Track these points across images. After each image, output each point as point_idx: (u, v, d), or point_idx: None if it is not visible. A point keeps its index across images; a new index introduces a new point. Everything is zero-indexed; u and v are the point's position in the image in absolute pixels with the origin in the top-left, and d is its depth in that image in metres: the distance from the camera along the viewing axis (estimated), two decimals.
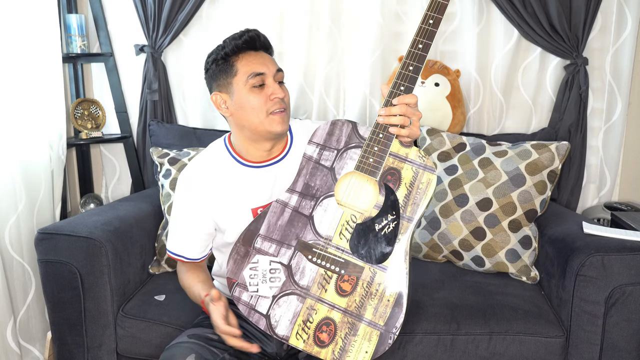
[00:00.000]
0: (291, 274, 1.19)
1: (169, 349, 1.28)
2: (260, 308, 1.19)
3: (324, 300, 1.15)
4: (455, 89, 2.14)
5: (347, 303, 1.14)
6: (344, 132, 1.26)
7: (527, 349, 1.51)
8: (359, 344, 1.12)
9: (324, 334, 1.13)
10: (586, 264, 1.50)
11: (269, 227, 1.23)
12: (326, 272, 1.17)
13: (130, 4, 2.27)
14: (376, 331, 1.11)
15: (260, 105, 1.32)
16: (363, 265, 1.17)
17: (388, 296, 1.14)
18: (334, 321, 1.14)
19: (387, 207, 1.17)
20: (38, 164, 2.01)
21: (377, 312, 1.13)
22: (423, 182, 1.16)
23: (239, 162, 1.41)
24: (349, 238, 1.18)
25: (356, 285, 1.15)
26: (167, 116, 2.33)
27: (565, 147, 1.84)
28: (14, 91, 1.90)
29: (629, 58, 2.18)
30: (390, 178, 1.17)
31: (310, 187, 1.23)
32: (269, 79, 1.33)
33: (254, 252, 1.22)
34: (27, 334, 1.94)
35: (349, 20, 2.26)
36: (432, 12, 1.18)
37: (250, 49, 1.34)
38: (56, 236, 1.60)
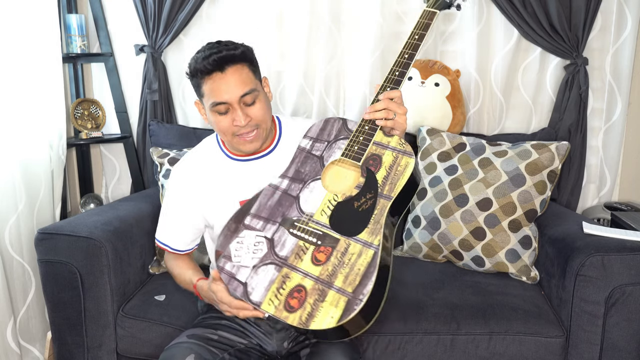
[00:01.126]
0: (272, 246, 1.25)
1: (168, 349, 1.28)
2: (240, 276, 1.24)
3: (298, 268, 1.20)
4: (455, 89, 2.14)
5: (320, 272, 1.19)
6: (335, 127, 1.39)
7: (527, 349, 1.51)
8: (325, 309, 1.14)
9: (295, 299, 1.17)
10: (586, 264, 1.50)
11: (259, 207, 1.32)
12: (304, 243, 1.23)
13: (130, 4, 2.27)
14: (344, 297, 1.14)
15: (225, 128, 1.36)
16: (339, 238, 1.22)
17: (359, 265, 1.18)
18: (305, 288, 1.18)
19: (367, 187, 1.26)
20: (38, 164, 2.01)
21: (347, 280, 1.16)
22: (401, 165, 1.26)
23: (227, 156, 1.47)
24: (329, 214, 1.25)
25: (330, 255, 1.20)
26: (167, 116, 2.33)
27: (565, 147, 1.84)
28: (14, 91, 1.90)
29: (629, 58, 2.18)
30: (372, 162, 1.27)
31: (300, 173, 1.34)
32: (232, 106, 1.33)
33: (242, 227, 1.30)
34: (27, 334, 1.94)
35: (349, 20, 2.26)
36: (418, 30, 1.38)
37: (217, 71, 1.31)
38: (56, 236, 1.60)
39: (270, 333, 1.41)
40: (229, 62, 1.31)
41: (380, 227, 1.21)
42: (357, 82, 2.30)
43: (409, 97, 2.12)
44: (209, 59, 1.30)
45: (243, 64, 1.34)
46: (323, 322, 1.13)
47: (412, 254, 1.94)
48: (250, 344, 1.38)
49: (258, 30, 2.26)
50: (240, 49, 1.35)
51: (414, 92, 2.12)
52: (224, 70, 1.31)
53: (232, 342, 1.35)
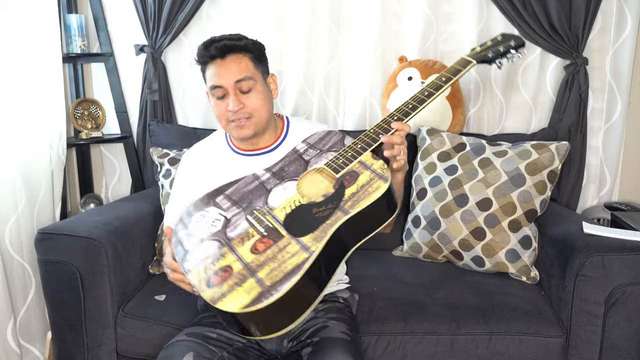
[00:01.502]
0: (226, 226, 1.27)
1: (167, 348, 1.29)
2: (186, 244, 1.26)
3: (235, 251, 1.21)
4: (455, 89, 2.14)
5: (252, 259, 1.18)
6: (332, 139, 1.40)
7: (527, 349, 1.51)
8: (237, 294, 1.13)
9: (218, 277, 1.17)
10: (586, 264, 1.50)
11: (234, 190, 1.35)
12: (253, 231, 1.24)
13: (130, 4, 2.27)
14: (258, 288, 1.13)
15: (220, 114, 1.43)
16: (284, 234, 1.21)
17: (288, 264, 1.16)
18: (232, 270, 1.18)
19: (332, 198, 1.25)
20: (38, 164, 2.01)
21: (270, 274, 1.15)
22: (373, 187, 1.23)
23: (232, 149, 1.52)
24: (287, 212, 1.26)
25: (268, 248, 1.20)
26: (167, 116, 2.33)
27: (565, 147, 1.84)
28: (14, 91, 1.90)
29: (629, 58, 2.18)
30: (349, 178, 1.27)
31: (283, 171, 1.36)
32: (227, 91, 1.40)
33: (211, 203, 1.33)
34: (27, 334, 1.95)
35: (349, 20, 2.27)
36: (447, 73, 1.42)
37: (218, 57, 1.40)
38: (56, 236, 1.60)
39: None
40: (230, 50, 1.40)
41: (326, 237, 1.18)
42: (357, 82, 2.30)
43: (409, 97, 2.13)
44: (211, 46, 1.40)
45: (245, 54, 1.41)
46: (230, 305, 1.11)
47: (412, 254, 1.94)
48: (249, 342, 1.38)
49: (258, 30, 2.25)
50: (244, 41, 1.42)
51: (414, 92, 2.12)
52: (225, 57, 1.40)
53: (231, 341, 1.35)
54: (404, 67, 2.18)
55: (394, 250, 1.99)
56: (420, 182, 1.94)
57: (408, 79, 2.15)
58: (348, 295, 1.53)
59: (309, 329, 1.37)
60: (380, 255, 1.95)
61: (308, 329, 1.37)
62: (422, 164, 1.96)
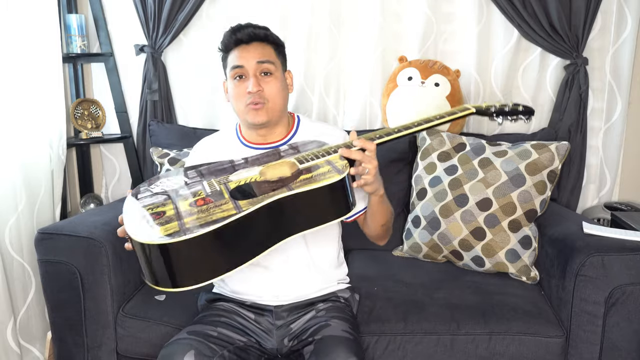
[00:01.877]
0: (180, 187, 1.29)
1: (168, 346, 1.29)
2: (141, 195, 1.27)
3: (176, 203, 1.22)
4: (455, 89, 2.14)
5: (185, 208, 1.19)
6: (316, 143, 1.40)
7: (527, 349, 1.51)
8: (157, 229, 1.13)
9: (147, 218, 1.19)
10: (586, 264, 1.50)
11: (207, 168, 1.37)
12: (202, 192, 1.25)
13: (130, 4, 2.27)
14: (177, 228, 1.12)
15: (238, 97, 1.45)
16: (225, 197, 1.21)
17: (214, 216, 1.14)
18: (165, 214, 1.19)
19: (284, 180, 1.25)
20: (38, 164, 2.01)
21: (194, 221, 1.14)
22: (325, 176, 1.22)
23: (242, 142, 1.52)
24: (239, 185, 1.27)
25: (206, 204, 1.20)
26: (167, 116, 2.33)
27: (565, 147, 1.84)
28: (14, 91, 1.90)
29: (629, 58, 2.18)
30: (309, 169, 1.26)
31: (258, 160, 1.38)
32: (247, 72, 1.42)
33: (181, 172, 1.37)
34: (27, 334, 1.94)
35: (349, 20, 2.27)
36: (445, 114, 1.43)
37: (243, 43, 1.43)
38: (56, 236, 1.60)
39: (270, 330, 1.41)
40: (256, 38, 1.44)
41: (261, 203, 1.15)
42: (357, 81, 2.30)
43: (409, 97, 2.14)
44: (238, 32, 1.43)
45: (268, 43, 1.46)
46: (143, 236, 1.11)
47: (412, 254, 1.94)
48: (249, 341, 1.38)
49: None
50: (270, 32, 1.47)
51: (414, 92, 2.13)
52: (250, 43, 1.43)
53: (232, 339, 1.35)
54: (404, 67, 2.18)
55: (394, 250, 1.99)
56: (420, 182, 1.94)
57: (408, 79, 2.15)
58: (349, 295, 1.53)
59: (311, 328, 1.37)
60: (380, 255, 1.95)
61: (309, 328, 1.37)
62: (422, 164, 1.96)
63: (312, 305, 1.45)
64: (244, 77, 1.42)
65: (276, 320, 1.42)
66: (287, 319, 1.43)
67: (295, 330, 1.41)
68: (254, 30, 1.43)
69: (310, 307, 1.44)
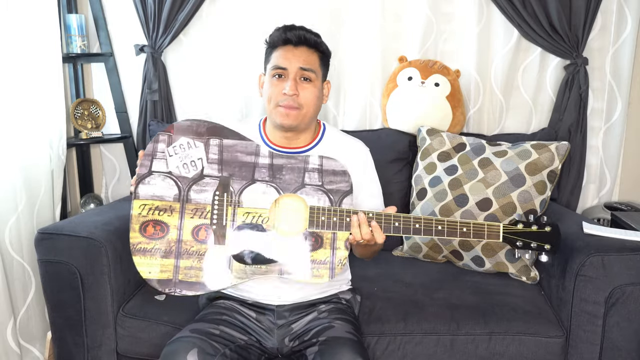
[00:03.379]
0: (196, 180, 1.29)
1: (171, 344, 1.29)
2: (156, 164, 1.30)
3: (183, 217, 1.27)
4: (455, 89, 2.14)
5: (187, 240, 1.26)
6: (340, 185, 1.32)
7: (527, 349, 1.51)
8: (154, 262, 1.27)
9: (151, 229, 1.27)
10: (586, 264, 1.50)
11: (231, 147, 1.31)
12: (209, 212, 1.28)
13: (130, 4, 2.27)
14: (170, 274, 1.27)
15: (273, 95, 1.43)
16: (224, 244, 1.27)
17: (206, 266, 1.27)
18: (167, 234, 1.27)
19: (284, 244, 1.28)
20: (38, 164, 2.01)
21: (187, 271, 1.27)
22: (318, 272, 1.28)
23: (264, 141, 1.50)
24: (246, 221, 1.28)
25: (206, 241, 1.27)
26: (167, 116, 2.33)
27: (565, 147, 1.84)
28: (14, 91, 1.89)
29: (629, 58, 2.18)
30: (313, 240, 1.29)
31: (281, 172, 1.31)
32: (288, 74, 1.42)
33: (205, 140, 1.31)
34: (27, 334, 1.94)
35: (349, 19, 2.26)
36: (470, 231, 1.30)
37: (289, 44, 1.43)
38: (56, 236, 1.60)
39: (271, 330, 1.42)
40: (305, 43, 1.43)
41: (246, 275, 1.27)
42: (357, 82, 2.30)
43: (409, 97, 2.14)
44: (289, 32, 1.42)
45: (316, 51, 1.45)
46: (142, 267, 1.26)
47: (412, 254, 1.94)
48: (250, 340, 1.39)
49: (258, 30, 2.25)
50: (320, 40, 1.46)
51: (414, 92, 2.12)
52: (298, 46, 1.43)
53: (233, 338, 1.35)
54: (404, 67, 2.18)
55: (394, 250, 1.99)
56: (420, 182, 1.94)
57: (408, 79, 2.15)
58: (350, 297, 1.53)
59: (313, 329, 1.37)
60: (380, 255, 1.93)
61: (312, 329, 1.37)
62: (422, 164, 1.96)
63: (314, 306, 1.45)
64: (283, 77, 1.42)
65: (277, 320, 1.42)
66: (289, 318, 1.43)
67: (297, 330, 1.41)
68: (305, 33, 1.43)
69: (312, 308, 1.44)
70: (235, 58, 2.30)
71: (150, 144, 1.31)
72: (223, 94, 2.35)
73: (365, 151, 1.54)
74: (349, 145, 1.52)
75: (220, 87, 2.35)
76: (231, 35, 2.30)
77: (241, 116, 2.35)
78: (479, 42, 2.22)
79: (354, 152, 1.51)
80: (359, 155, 1.52)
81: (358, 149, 1.53)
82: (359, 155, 1.52)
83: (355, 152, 1.51)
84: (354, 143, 1.54)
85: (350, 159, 1.47)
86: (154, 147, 1.30)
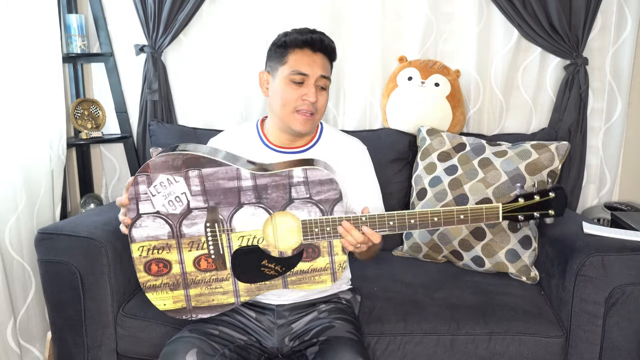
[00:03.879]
0: (184, 217, 1.28)
1: (170, 344, 1.29)
2: (142, 207, 1.27)
3: (181, 252, 1.28)
4: (455, 89, 2.14)
5: (191, 271, 1.28)
6: (328, 194, 1.28)
7: (527, 349, 1.51)
8: (165, 296, 1.31)
9: (156, 267, 1.29)
10: (586, 264, 1.50)
11: (211, 175, 1.26)
12: (205, 243, 1.29)
13: (130, 4, 2.27)
14: (184, 303, 1.33)
15: (290, 100, 1.41)
16: (227, 268, 1.30)
17: (215, 299, 1.32)
18: (171, 270, 1.29)
19: (283, 261, 1.30)
20: (38, 164, 2.01)
21: (198, 297, 1.32)
22: (321, 278, 1.31)
23: (263, 142, 1.50)
24: (241, 245, 1.29)
25: (209, 271, 1.29)
26: (167, 116, 2.33)
27: (565, 147, 1.84)
28: (14, 91, 1.89)
29: (629, 58, 2.18)
30: (310, 251, 1.30)
31: (266, 191, 1.28)
32: (309, 81, 1.40)
33: (183, 173, 1.26)
34: (27, 334, 1.94)
35: (349, 19, 2.26)
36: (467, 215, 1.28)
37: (308, 47, 1.41)
38: (56, 236, 1.60)
39: (271, 329, 1.42)
40: (323, 49, 1.43)
41: (253, 292, 1.31)
42: (357, 81, 2.30)
43: (409, 97, 2.14)
44: (308, 35, 1.40)
45: (328, 58, 1.45)
46: (156, 301, 1.30)
47: (412, 254, 1.94)
48: (250, 340, 1.39)
49: (258, 29, 2.26)
50: (334, 47, 1.46)
51: (414, 92, 2.12)
52: (316, 51, 1.41)
53: (232, 338, 1.35)
54: (404, 67, 2.18)
55: (394, 250, 1.99)
56: (420, 182, 1.94)
57: (408, 79, 2.15)
58: (350, 297, 1.53)
59: (313, 329, 1.37)
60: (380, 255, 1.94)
61: (312, 329, 1.37)
62: (422, 164, 1.96)
63: (314, 305, 1.45)
64: (302, 83, 1.40)
65: (277, 319, 1.42)
66: (289, 318, 1.43)
67: (297, 330, 1.41)
68: (325, 40, 1.42)
69: (312, 308, 1.45)
70: (235, 58, 2.30)
71: (131, 187, 1.26)
72: (223, 94, 2.35)
73: (362, 149, 1.54)
74: (346, 144, 1.52)
75: (220, 87, 2.35)
76: (231, 35, 2.30)
77: (241, 117, 2.35)
78: (479, 42, 2.22)
79: (352, 151, 1.51)
80: (357, 153, 1.52)
81: (356, 148, 1.53)
82: (357, 154, 1.52)
83: (352, 150, 1.52)
84: (351, 141, 1.54)
85: (348, 158, 1.48)
86: (136, 190, 1.26)
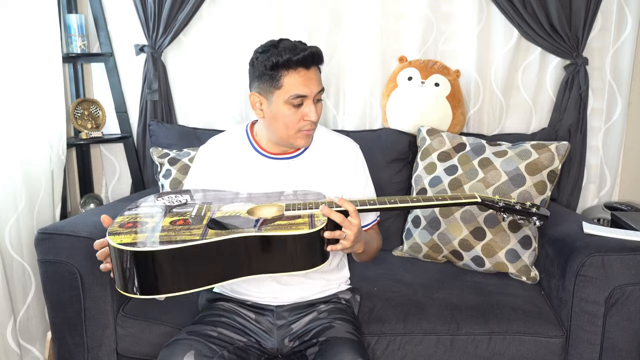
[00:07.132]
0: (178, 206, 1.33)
1: (168, 346, 1.29)
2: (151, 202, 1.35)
3: (164, 217, 1.28)
4: (455, 89, 2.14)
5: (165, 224, 1.23)
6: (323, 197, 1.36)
7: (527, 349, 1.51)
8: (126, 236, 1.18)
9: (131, 223, 1.25)
10: (586, 264, 1.50)
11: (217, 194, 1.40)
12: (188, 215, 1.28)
13: (130, 4, 2.27)
14: (142, 239, 1.18)
15: (292, 122, 1.37)
16: (202, 223, 1.23)
17: (178, 237, 1.18)
18: (146, 224, 1.24)
19: (262, 221, 1.25)
20: (38, 164, 2.01)
21: (160, 237, 1.20)
22: (297, 227, 1.21)
23: (255, 149, 1.48)
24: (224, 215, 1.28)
25: (182, 225, 1.23)
26: (167, 116, 2.33)
27: (565, 147, 1.84)
28: (15, 91, 1.90)
29: (629, 58, 2.18)
30: (291, 217, 1.26)
31: (258, 200, 1.36)
32: (308, 100, 1.36)
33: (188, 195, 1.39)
34: (27, 334, 1.95)
35: (348, 19, 2.26)
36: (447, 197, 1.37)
37: (302, 67, 1.34)
38: (56, 236, 1.60)
39: (271, 330, 1.42)
40: (315, 61, 1.37)
41: (224, 236, 1.18)
42: (357, 82, 2.30)
43: (409, 97, 2.14)
44: (299, 54, 1.33)
45: (318, 67, 1.40)
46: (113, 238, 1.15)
47: (412, 254, 1.94)
48: (249, 341, 1.38)
49: (258, 29, 2.26)
50: (322, 54, 1.40)
51: (414, 92, 2.12)
52: (309, 68, 1.35)
53: (232, 340, 1.35)
54: (403, 67, 2.18)
55: (394, 250, 1.99)
56: (420, 182, 1.94)
57: (408, 79, 2.15)
58: (350, 297, 1.53)
59: (313, 329, 1.37)
60: (380, 255, 1.94)
61: (312, 329, 1.37)
62: (422, 164, 1.96)
63: (313, 306, 1.45)
64: (302, 104, 1.36)
65: (277, 320, 1.42)
66: (288, 318, 1.43)
67: (297, 330, 1.41)
68: (315, 53, 1.36)
69: (312, 308, 1.45)
70: (235, 58, 2.30)
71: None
72: (223, 94, 2.35)
73: (355, 149, 1.53)
74: (338, 145, 1.51)
75: (220, 87, 2.35)
76: (231, 36, 2.30)
77: (241, 117, 2.36)
78: (479, 42, 2.22)
79: (344, 151, 1.50)
80: (349, 153, 1.51)
81: (348, 148, 1.52)
82: (349, 154, 1.51)
83: (345, 150, 1.51)
84: (343, 142, 1.53)
85: (341, 158, 1.48)
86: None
